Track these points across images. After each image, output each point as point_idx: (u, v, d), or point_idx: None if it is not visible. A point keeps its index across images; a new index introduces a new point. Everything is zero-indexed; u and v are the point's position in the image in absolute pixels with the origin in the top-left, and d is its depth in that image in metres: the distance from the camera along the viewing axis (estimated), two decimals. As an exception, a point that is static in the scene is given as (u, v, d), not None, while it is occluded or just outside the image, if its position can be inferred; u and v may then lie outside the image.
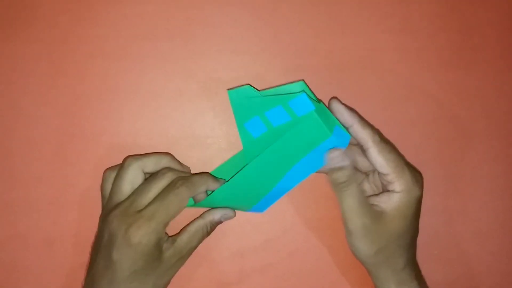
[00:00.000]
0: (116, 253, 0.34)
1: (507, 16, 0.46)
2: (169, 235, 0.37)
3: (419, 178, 0.37)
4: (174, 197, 0.35)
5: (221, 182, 0.39)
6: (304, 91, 0.36)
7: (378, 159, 0.36)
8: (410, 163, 0.38)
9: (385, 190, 0.37)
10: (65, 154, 0.42)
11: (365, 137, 0.36)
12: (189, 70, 0.43)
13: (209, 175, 0.39)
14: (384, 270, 0.37)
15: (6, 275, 0.42)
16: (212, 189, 0.38)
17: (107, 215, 0.36)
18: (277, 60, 0.44)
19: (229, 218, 0.39)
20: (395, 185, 0.36)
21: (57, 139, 0.43)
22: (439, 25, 0.45)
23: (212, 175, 0.39)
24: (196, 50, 0.43)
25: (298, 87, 0.38)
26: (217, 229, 0.39)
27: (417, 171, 0.38)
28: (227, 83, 0.43)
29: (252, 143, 0.41)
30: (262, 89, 0.41)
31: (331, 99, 0.37)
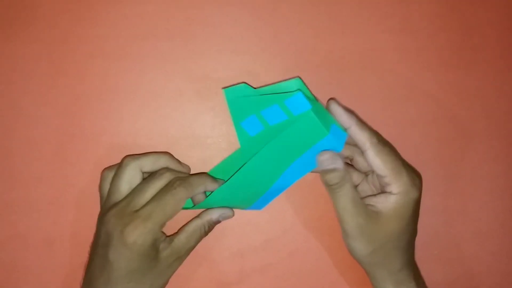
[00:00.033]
0: (112, 253, 0.34)
1: (507, 16, 0.46)
2: (166, 235, 0.37)
3: (417, 180, 0.37)
4: (171, 197, 0.35)
5: (219, 183, 0.38)
6: (300, 90, 0.35)
7: (376, 161, 0.36)
8: (409, 164, 0.38)
9: (383, 191, 0.37)
10: (65, 154, 0.42)
11: (363, 139, 0.36)
12: (189, 70, 0.43)
13: (207, 175, 0.38)
14: (381, 270, 0.37)
15: (6, 275, 0.42)
16: (211, 189, 0.38)
17: (104, 214, 0.36)
18: (277, 60, 0.44)
19: (227, 218, 0.39)
20: (392, 187, 0.36)
21: (57, 139, 0.43)
22: (439, 25, 0.45)
23: (210, 175, 0.39)
24: (196, 50, 0.43)
25: (295, 84, 0.37)
26: (216, 229, 0.39)
27: (416, 173, 0.37)
28: (227, 83, 0.43)
29: (249, 141, 0.41)
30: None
31: (329, 100, 0.37)
